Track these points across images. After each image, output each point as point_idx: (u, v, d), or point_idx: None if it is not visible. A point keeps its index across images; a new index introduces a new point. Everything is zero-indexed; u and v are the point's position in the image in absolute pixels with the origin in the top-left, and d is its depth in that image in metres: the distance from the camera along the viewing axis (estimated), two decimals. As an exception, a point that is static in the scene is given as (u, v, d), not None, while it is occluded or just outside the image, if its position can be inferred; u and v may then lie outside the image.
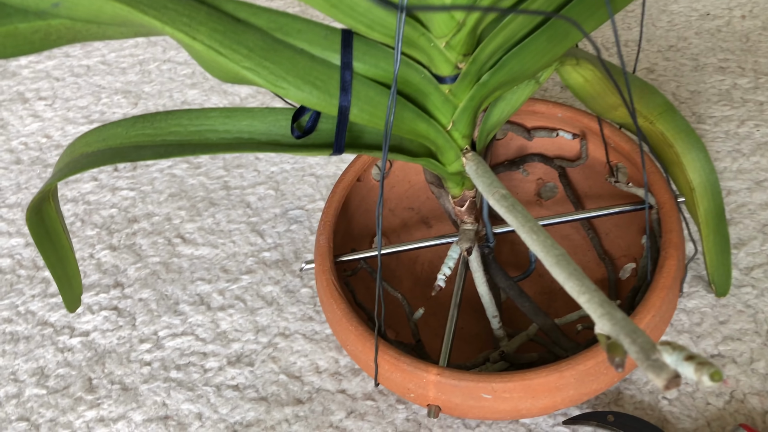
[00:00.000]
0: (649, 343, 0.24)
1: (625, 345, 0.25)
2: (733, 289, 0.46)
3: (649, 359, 0.24)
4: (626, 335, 0.25)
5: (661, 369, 0.23)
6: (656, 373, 0.23)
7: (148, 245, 0.55)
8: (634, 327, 0.25)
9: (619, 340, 0.25)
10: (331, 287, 0.40)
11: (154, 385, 0.47)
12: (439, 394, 0.36)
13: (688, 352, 0.23)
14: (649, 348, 0.24)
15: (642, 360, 0.24)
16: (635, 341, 0.24)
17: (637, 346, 0.24)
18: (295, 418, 0.44)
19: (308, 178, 0.57)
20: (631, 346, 0.24)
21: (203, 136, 0.35)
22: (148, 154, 0.34)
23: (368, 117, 0.33)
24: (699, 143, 0.45)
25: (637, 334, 0.24)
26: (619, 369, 0.24)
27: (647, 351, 0.24)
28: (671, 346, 0.23)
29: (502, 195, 0.32)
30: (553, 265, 0.28)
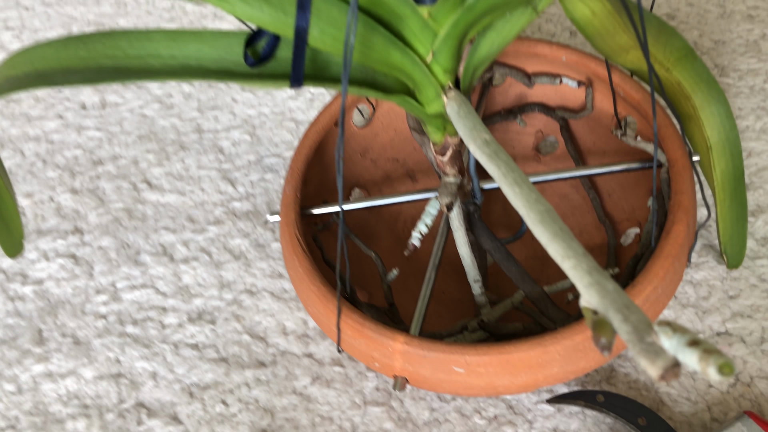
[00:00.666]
0: (643, 323, 0.20)
1: (614, 323, 0.20)
2: (747, 261, 0.42)
3: (642, 342, 0.19)
4: (617, 311, 0.20)
5: (657, 355, 0.19)
6: (650, 360, 0.19)
7: (111, 190, 0.50)
8: (627, 301, 0.20)
9: (608, 317, 0.20)
10: (294, 242, 0.36)
11: (108, 340, 0.43)
12: (406, 365, 0.32)
13: (691, 336, 0.18)
14: (644, 328, 0.20)
15: (634, 342, 0.19)
16: (627, 319, 0.20)
17: (629, 325, 0.20)
18: (256, 382, 0.41)
19: (288, 124, 0.52)
20: (621, 325, 0.20)
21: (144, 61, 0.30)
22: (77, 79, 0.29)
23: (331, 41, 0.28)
24: (720, 96, 0.40)
25: (630, 311, 0.20)
26: (605, 352, 0.20)
27: (641, 332, 0.19)
28: (671, 327, 0.19)
29: (484, 140, 0.28)
30: (536, 223, 0.24)
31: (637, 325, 0.20)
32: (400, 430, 0.38)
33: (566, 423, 0.37)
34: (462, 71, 0.31)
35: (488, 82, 0.44)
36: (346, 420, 0.39)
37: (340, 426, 0.38)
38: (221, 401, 0.40)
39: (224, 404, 0.40)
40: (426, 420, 0.38)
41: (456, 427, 0.38)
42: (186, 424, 0.40)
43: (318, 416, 0.39)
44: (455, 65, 0.30)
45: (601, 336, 0.20)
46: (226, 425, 0.39)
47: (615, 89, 0.40)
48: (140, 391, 0.41)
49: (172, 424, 0.40)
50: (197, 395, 0.40)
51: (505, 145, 0.46)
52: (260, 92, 0.54)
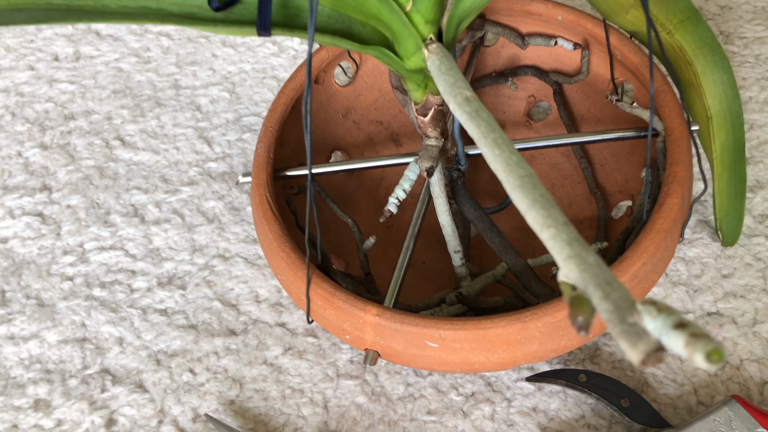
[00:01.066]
0: (626, 301, 0.18)
1: (593, 300, 0.18)
2: (743, 239, 0.40)
3: (623, 322, 0.17)
4: (597, 287, 0.18)
5: (639, 338, 0.17)
6: (631, 343, 0.17)
7: (83, 146, 0.48)
8: (609, 277, 0.18)
9: (587, 293, 0.18)
10: (264, 205, 0.34)
11: (74, 303, 0.41)
12: (377, 338, 0.30)
13: (678, 318, 0.16)
14: (626, 307, 0.18)
15: (614, 322, 0.17)
16: (608, 296, 0.18)
17: (610, 303, 0.18)
18: (226, 350, 0.39)
19: (269, 81, 0.50)
20: (601, 302, 0.18)
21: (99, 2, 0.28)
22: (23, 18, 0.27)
23: (300, -15, 0.25)
24: (724, 62, 0.38)
25: (612, 287, 0.18)
26: (581, 332, 0.18)
27: (623, 311, 0.18)
28: (656, 306, 0.17)
29: (465, 98, 0.25)
30: (515, 189, 0.22)
31: (618, 304, 0.18)
32: (373, 404, 0.36)
33: (546, 402, 0.35)
34: (445, 23, 0.28)
35: (479, 41, 0.42)
36: (318, 393, 0.37)
37: (311, 399, 0.37)
38: (189, 370, 0.38)
39: (192, 373, 0.38)
40: (401, 395, 0.36)
41: (431, 403, 0.36)
42: (152, 392, 0.38)
43: (288, 388, 0.37)
44: (438, 16, 0.28)
45: (579, 314, 0.18)
46: (193, 395, 0.38)
47: (612, 52, 0.37)
48: (105, 357, 0.39)
49: (137, 392, 0.38)
50: (164, 363, 0.39)
51: (495, 110, 0.44)
52: (241, 48, 0.52)
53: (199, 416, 0.37)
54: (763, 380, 0.35)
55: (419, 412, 0.36)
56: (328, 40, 0.28)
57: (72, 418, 0.37)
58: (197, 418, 0.37)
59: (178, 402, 0.37)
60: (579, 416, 0.35)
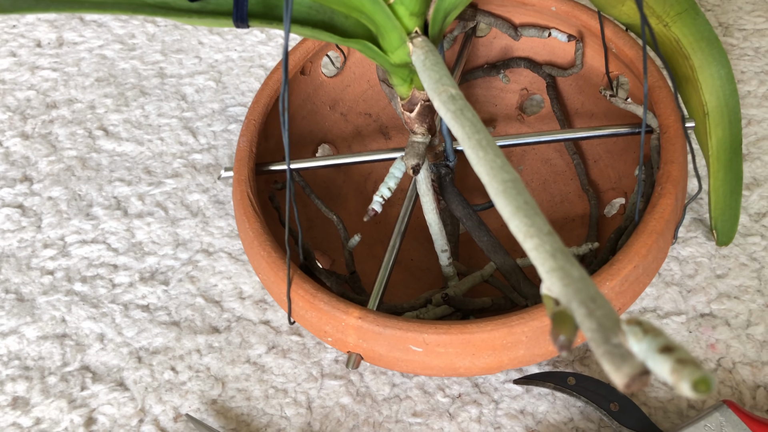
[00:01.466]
0: (611, 320, 0.17)
1: (577, 317, 0.17)
2: (738, 238, 0.39)
3: (607, 343, 0.16)
4: (581, 303, 0.17)
5: (623, 360, 0.16)
6: (615, 365, 0.16)
7: (65, 136, 0.47)
8: (593, 293, 0.17)
9: (571, 309, 0.17)
10: (245, 201, 0.32)
11: (54, 297, 0.40)
12: (360, 341, 0.29)
13: (664, 341, 0.15)
14: (611, 326, 0.17)
15: (598, 343, 0.17)
16: (592, 314, 0.17)
17: (594, 322, 0.17)
18: (209, 348, 0.38)
19: (256, 71, 0.49)
20: (585, 320, 0.17)
21: (71, -9, 0.27)
22: None
23: (278, -24, 0.24)
24: (722, 57, 0.37)
25: (596, 304, 0.17)
26: (563, 352, 0.17)
27: (607, 330, 0.17)
28: (642, 327, 0.16)
29: (450, 95, 0.24)
30: (498, 194, 0.21)
31: (602, 322, 0.17)
32: (358, 405, 0.36)
33: (534, 405, 0.35)
34: (431, 15, 0.27)
35: (471, 32, 0.41)
36: (302, 393, 0.36)
37: (295, 399, 0.36)
38: (170, 368, 0.38)
39: (173, 371, 0.38)
40: (386, 396, 0.36)
41: (417, 405, 0.35)
42: (132, 390, 0.37)
43: (272, 387, 0.36)
44: (423, 8, 0.26)
45: (560, 332, 0.17)
46: (175, 393, 0.37)
47: (607, 45, 0.36)
48: (86, 354, 0.38)
49: (117, 390, 0.37)
50: (146, 360, 0.38)
51: (487, 103, 0.43)
52: (229, 35, 0.50)
53: (180, 416, 0.36)
54: (756, 384, 0.34)
55: (405, 413, 0.35)
56: (308, 33, 0.26)
57: (51, 417, 0.37)
58: (178, 417, 0.36)
59: (159, 401, 0.37)
60: (567, 419, 0.34)
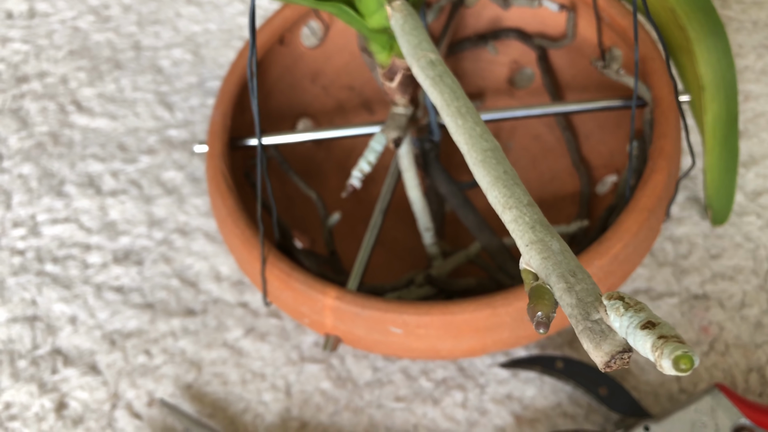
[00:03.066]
0: (591, 295, 0.15)
1: (555, 292, 0.16)
2: (733, 217, 0.37)
3: (587, 319, 0.15)
4: (560, 277, 0.16)
5: (602, 337, 0.15)
6: (594, 343, 0.15)
7: (36, 111, 0.45)
8: (573, 266, 0.16)
9: (549, 284, 0.16)
10: (218, 177, 0.31)
11: (25, 278, 0.39)
12: (337, 322, 0.28)
13: (646, 315, 0.14)
14: (591, 301, 0.15)
15: (577, 319, 0.15)
16: (571, 288, 0.16)
17: (573, 297, 0.15)
18: (184, 331, 0.37)
19: (236, 43, 0.47)
20: (564, 295, 0.16)
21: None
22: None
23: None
24: (719, 28, 0.35)
25: (576, 279, 0.16)
26: (540, 329, 0.15)
27: (586, 306, 0.15)
28: (624, 302, 0.15)
29: (429, 61, 0.23)
30: (477, 164, 0.19)
31: (582, 298, 0.15)
32: (339, 390, 0.34)
33: (521, 389, 0.33)
34: (410, -23, 0.25)
35: (459, 1, 0.39)
36: (280, 377, 0.35)
37: (273, 384, 0.35)
38: (144, 351, 0.36)
39: (147, 355, 0.36)
40: (368, 380, 0.34)
41: (400, 389, 0.34)
42: (105, 374, 0.36)
43: (249, 372, 0.35)
44: (401, -32, 0.25)
45: (538, 308, 0.16)
46: (149, 378, 0.35)
47: (600, 14, 0.35)
48: (57, 337, 0.37)
49: (89, 374, 0.36)
50: (119, 343, 0.37)
51: (475, 76, 0.41)
52: (207, 6, 0.49)
53: (154, 400, 0.35)
54: (749, 367, 0.33)
55: (387, 398, 0.34)
56: (278, -6, 0.25)
57: (21, 401, 0.35)
58: (152, 402, 0.35)
59: (132, 385, 0.35)
60: (555, 404, 0.33)
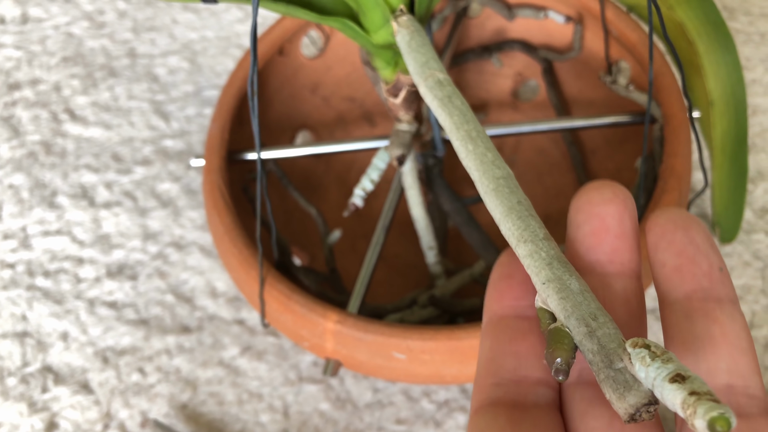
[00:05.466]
0: (614, 341, 0.15)
1: (575, 336, 0.15)
2: (742, 235, 0.37)
3: (610, 368, 0.14)
4: (580, 320, 0.15)
5: (627, 388, 0.14)
6: (618, 394, 0.14)
7: (28, 119, 0.44)
8: (594, 309, 0.15)
9: (568, 327, 0.15)
10: (215, 193, 0.30)
11: (15, 293, 0.38)
12: (339, 346, 0.27)
13: (675, 367, 0.13)
14: (614, 348, 0.14)
15: (599, 367, 0.14)
16: (593, 333, 0.15)
17: (595, 343, 0.15)
18: (179, 349, 0.36)
19: (233, 51, 0.46)
20: (585, 340, 0.15)
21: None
22: None
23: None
24: (729, 43, 0.34)
25: (597, 323, 0.15)
26: (559, 377, 0.15)
27: (609, 353, 0.14)
28: (650, 351, 0.14)
29: (437, 81, 0.22)
30: (489, 193, 0.18)
31: (605, 344, 0.14)
32: (338, 412, 0.33)
33: (524, 411, 0.32)
34: (417, -8, 0.24)
35: (462, 12, 0.38)
36: (278, 398, 0.34)
37: (270, 405, 0.34)
38: (138, 369, 0.35)
39: (141, 373, 0.35)
40: (368, 402, 0.33)
41: (401, 411, 0.33)
42: (97, 393, 0.35)
43: (246, 392, 0.34)
44: (408, -17, 0.24)
45: (557, 353, 0.15)
46: (142, 397, 0.34)
47: (608, 27, 0.34)
48: (48, 354, 0.36)
49: (81, 393, 0.35)
50: (112, 361, 0.36)
51: (478, 88, 0.40)
52: (204, 13, 0.48)
53: (148, 420, 0.34)
54: (759, 390, 0.32)
55: (387, 420, 0.33)
56: (281, 9, 0.24)
57: (10, 421, 0.34)
58: (146, 422, 0.34)
59: (125, 405, 0.34)
60: (559, 427, 0.32)
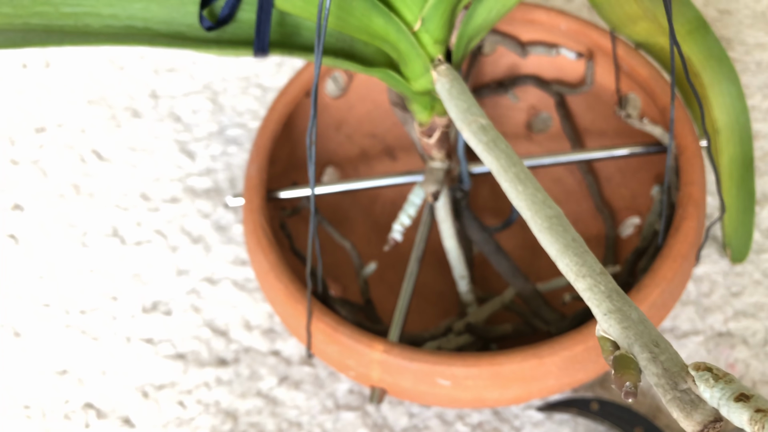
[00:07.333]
0: (676, 365, 0.16)
1: (640, 361, 0.17)
2: (752, 255, 0.39)
3: (675, 389, 0.16)
4: (643, 347, 0.17)
5: (694, 407, 0.15)
6: (686, 412, 0.15)
7: (55, 161, 0.45)
8: (655, 336, 0.17)
9: (633, 354, 0.17)
10: (258, 232, 0.31)
11: (51, 331, 0.39)
12: (384, 375, 0.29)
13: (738, 387, 0.15)
14: (677, 371, 0.16)
15: (665, 389, 0.16)
16: (656, 358, 0.16)
17: (659, 367, 0.16)
18: (217, 381, 0.37)
19: (253, 90, 0.47)
20: (649, 365, 0.16)
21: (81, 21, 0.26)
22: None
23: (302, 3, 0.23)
24: (732, 74, 0.36)
25: (660, 348, 0.16)
26: (629, 399, 0.16)
27: (674, 376, 0.16)
28: (713, 373, 0.15)
29: (480, 126, 0.23)
30: (544, 231, 0.20)
31: (668, 368, 0.16)
32: (375, 436, 0.35)
33: (556, 431, 0.34)
34: (454, 42, 0.26)
35: (477, 50, 0.40)
36: (317, 426, 0.35)
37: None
38: (178, 403, 0.36)
39: (181, 406, 0.36)
40: (404, 427, 0.35)
41: (436, 434, 0.34)
42: (139, 428, 0.36)
43: (285, 421, 0.35)
44: (447, 35, 0.26)
45: (625, 377, 0.16)
46: (184, 429, 0.35)
47: (619, 63, 0.36)
48: (88, 390, 0.37)
49: (123, 428, 0.36)
50: (151, 395, 0.37)
51: (494, 122, 0.42)
52: (224, 55, 0.49)
53: (190, 453, 0.35)
54: (776, 403, 0.34)
55: (423, 444, 0.34)
56: (330, 62, 0.26)
57: (53, 458, 0.35)
58: (188, 455, 0.35)
59: (167, 438, 0.35)
60: (590, 445, 0.34)
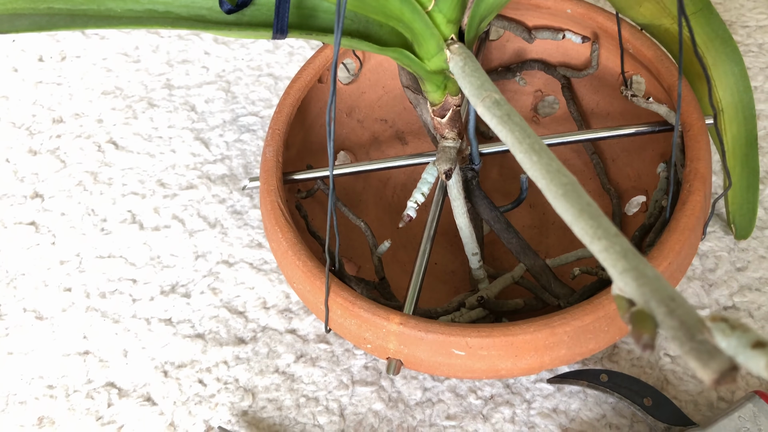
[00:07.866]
0: (693, 317, 0.17)
1: (657, 316, 0.18)
2: (756, 231, 0.40)
3: (693, 340, 0.17)
4: (660, 302, 0.18)
5: (711, 356, 0.16)
6: (702, 361, 0.16)
7: (74, 151, 0.46)
8: (671, 291, 0.18)
9: (649, 309, 0.18)
10: (276, 212, 0.32)
11: (74, 314, 0.40)
12: (401, 347, 0.29)
13: (755, 336, 0.16)
14: (694, 324, 0.17)
15: (682, 340, 0.17)
16: (673, 312, 0.17)
17: (675, 320, 0.17)
18: (236, 360, 0.38)
19: (265, 79, 0.48)
20: (666, 319, 0.17)
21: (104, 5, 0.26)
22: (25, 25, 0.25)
23: (321, -14, 0.24)
24: (735, 54, 0.37)
25: (675, 303, 0.17)
26: (647, 351, 0.17)
27: (691, 328, 0.17)
28: (728, 323, 0.16)
29: (494, 101, 0.24)
30: (558, 198, 0.21)
31: (685, 320, 0.17)
32: (391, 411, 0.36)
33: (566, 403, 0.35)
34: (467, 22, 0.27)
35: (485, 36, 0.41)
36: (333, 400, 0.36)
37: (327, 407, 0.36)
38: (198, 381, 0.37)
39: (201, 384, 0.37)
40: (418, 400, 0.36)
41: (450, 408, 0.35)
42: (160, 405, 0.37)
43: (303, 396, 0.36)
44: (459, 15, 0.27)
45: (643, 332, 0.17)
46: (204, 406, 0.36)
47: (624, 45, 0.37)
48: (110, 370, 0.38)
49: (145, 405, 0.37)
50: (172, 374, 0.38)
51: (501, 106, 0.43)
52: (235, 45, 0.50)
53: (211, 428, 0.36)
54: (781, 373, 0.35)
55: (438, 417, 0.35)
56: (346, 42, 0.26)
57: (78, 436, 0.36)
58: (210, 430, 0.36)
59: (188, 414, 0.36)
60: (600, 416, 0.35)
